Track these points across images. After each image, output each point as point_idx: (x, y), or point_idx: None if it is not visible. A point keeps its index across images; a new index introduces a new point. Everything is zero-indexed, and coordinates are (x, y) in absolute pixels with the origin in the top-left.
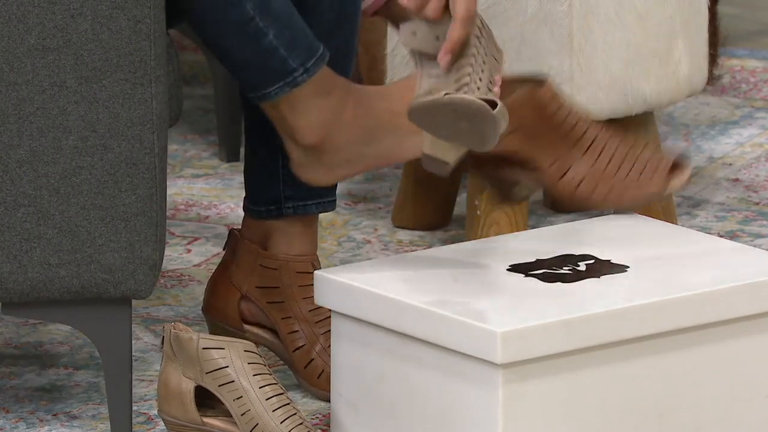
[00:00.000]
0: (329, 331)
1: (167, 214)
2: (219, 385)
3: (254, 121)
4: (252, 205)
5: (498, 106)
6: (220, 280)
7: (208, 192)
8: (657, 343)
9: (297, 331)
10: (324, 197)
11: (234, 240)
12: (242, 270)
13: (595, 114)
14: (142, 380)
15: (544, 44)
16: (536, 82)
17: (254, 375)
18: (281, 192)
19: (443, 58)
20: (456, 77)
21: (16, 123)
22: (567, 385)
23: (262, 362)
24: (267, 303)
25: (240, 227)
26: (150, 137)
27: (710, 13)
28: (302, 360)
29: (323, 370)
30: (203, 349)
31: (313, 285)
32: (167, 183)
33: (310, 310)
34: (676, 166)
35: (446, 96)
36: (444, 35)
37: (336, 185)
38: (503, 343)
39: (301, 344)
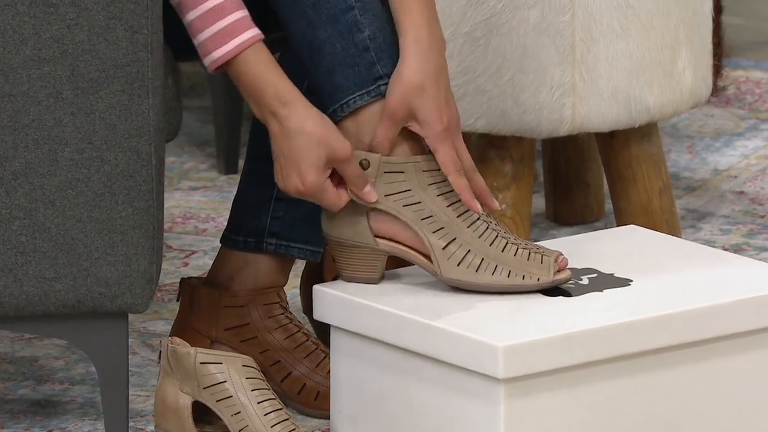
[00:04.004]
0: (312, 352)
1: (164, 227)
2: (217, 401)
3: (258, 144)
4: (232, 233)
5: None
6: (183, 332)
7: (206, 205)
8: (661, 358)
9: (279, 361)
10: (310, 244)
11: (190, 289)
12: (204, 317)
13: (598, 126)
14: (139, 395)
15: (546, 55)
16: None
17: (252, 390)
18: (267, 225)
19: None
20: None
21: (12, 135)
22: (570, 400)
23: (261, 377)
24: (240, 342)
25: (189, 277)
26: (147, 149)
27: (714, 23)
28: (294, 387)
29: (318, 392)
30: (201, 363)
31: (283, 314)
32: (164, 195)
33: (285, 338)
34: None
35: None
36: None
37: (324, 237)
38: (505, 357)
39: (287, 372)
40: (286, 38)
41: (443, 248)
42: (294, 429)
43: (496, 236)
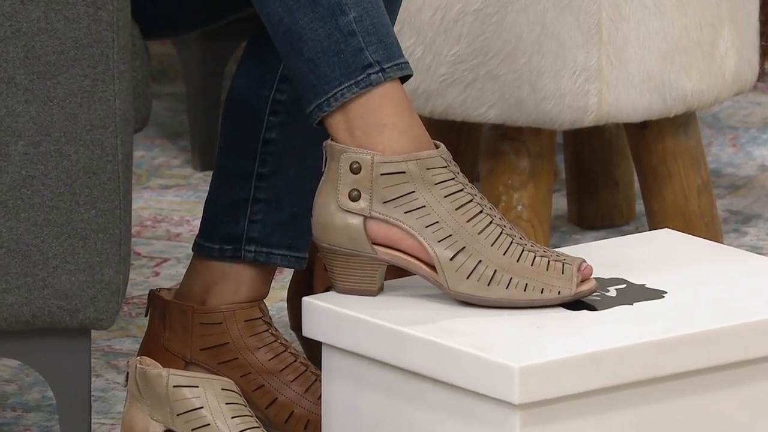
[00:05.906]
0: (301, 375)
1: (132, 231)
2: (192, 429)
3: (230, 137)
4: (205, 240)
5: None
6: (153, 352)
7: (179, 206)
8: (699, 381)
9: (263, 385)
10: (293, 250)
11: (160, 302)
12: (177, 335)
13: (628, 115)
14: (103, 424)
15: (568, 35)
16: None
17: (233, 417)
18: (244, 230)
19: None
20: None
21: None
22: (595, 428)
23: (242, 402)
24: (218, 364)
25: (159, 288)
26: (112, 142)
27: None
28: (281, 414)
29: (308, 420)
30: (174, 387)
31: (267, 330)
32: (132, 195)
33: (270, 359)
34: None
35: None
36: None
37: (309, 242)
38: (521, 380)
39: (273, 398)
40: (254, 17)
41: (450, 259)
42: None
43: (511, 243)
